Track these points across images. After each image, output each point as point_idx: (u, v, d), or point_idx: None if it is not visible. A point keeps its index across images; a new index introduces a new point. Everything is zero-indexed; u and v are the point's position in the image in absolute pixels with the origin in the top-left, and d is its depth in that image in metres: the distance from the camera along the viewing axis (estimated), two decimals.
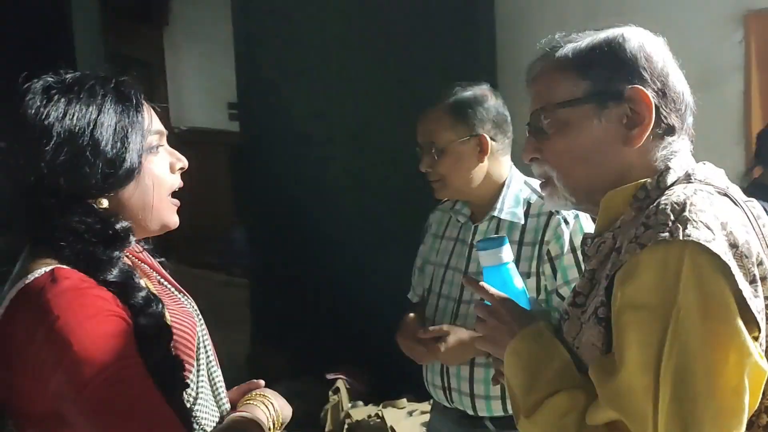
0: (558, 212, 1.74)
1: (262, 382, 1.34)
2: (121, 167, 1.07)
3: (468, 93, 1.83)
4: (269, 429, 1.21)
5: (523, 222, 1.78)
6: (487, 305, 1.16)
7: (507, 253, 1.20)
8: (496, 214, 1.80)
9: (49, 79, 1.10)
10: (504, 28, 3.59)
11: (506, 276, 1.20)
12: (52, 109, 1.04)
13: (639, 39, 1.05)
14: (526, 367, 1.06)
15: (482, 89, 1.86)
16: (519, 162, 2.12)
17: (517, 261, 1.72)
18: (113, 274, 1.04)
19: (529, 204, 1.80)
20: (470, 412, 1.81)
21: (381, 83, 3.85)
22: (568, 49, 1.07)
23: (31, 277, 1.02)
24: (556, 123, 1.07)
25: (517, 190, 1.83)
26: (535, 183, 1.82)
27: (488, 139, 1.79)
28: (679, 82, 1.05)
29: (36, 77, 1.10)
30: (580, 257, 1.71)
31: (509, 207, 1.80)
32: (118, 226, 1.07)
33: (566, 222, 1.73)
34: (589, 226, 1.74)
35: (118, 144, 1.07)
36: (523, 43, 3.56)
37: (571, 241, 1.72)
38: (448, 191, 1.84)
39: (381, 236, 3.95)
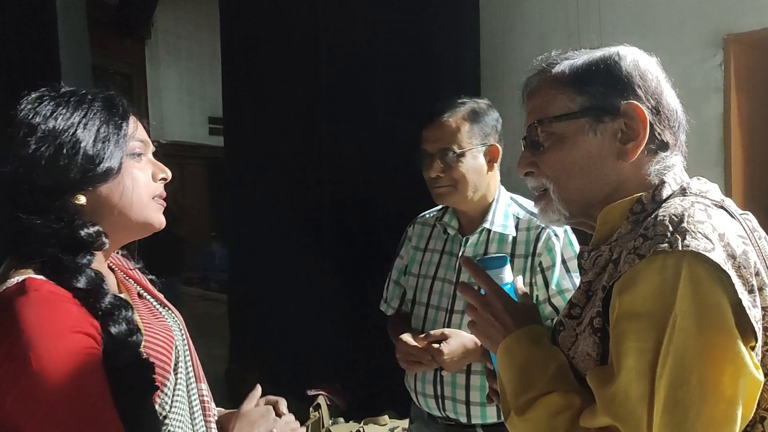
0: (548, 227, 1.78)
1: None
2: (100, 164, 1.09)
3: (482, 104, 1.88)
4: None
5: (514, 235, 1.82)
6: (482, 295, 1.17)
7: (508, 273, 1.21)
8: (487, 226, 1.84)
9: (45, 90, 1.14)
10: (488, 48, 3.63)
11: None
12: (40, 110, 1.09)
13: (633, 57, 1.08)
14: (521, 368, 1.06)
15: (487, 102, 1.91)
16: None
17: None
18: (80, 282, 1.05)
19: (517, 219, 1.85)
20: (463, 420, 1.81)
21: (366, 99, 3.87)
22: (564, 65, 1.09)
23: (4, 287, 1.02)
24: (551, 136, 1.09)
25: (506, 205, 1.88)
26: (521, 199, 1.89)
27: (499, 148, 1.85)
28: (672, 100, 1.08)
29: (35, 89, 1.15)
30: (570, 267, 1.76)
31: (500, 220, 1.85)
32: (83, 232, 1.08)
33: (556, 236, 1.78)
34: (576, 241, 1.80)
35: (99, 144, 1.10)
36: (506, 62, 3.61)
37: (561, 253, 1.77)
38: (454, 198, 1.85)
39: (362, 251, 3.95)
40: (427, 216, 2.06)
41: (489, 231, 1.85)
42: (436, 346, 1.72)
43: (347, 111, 3.99)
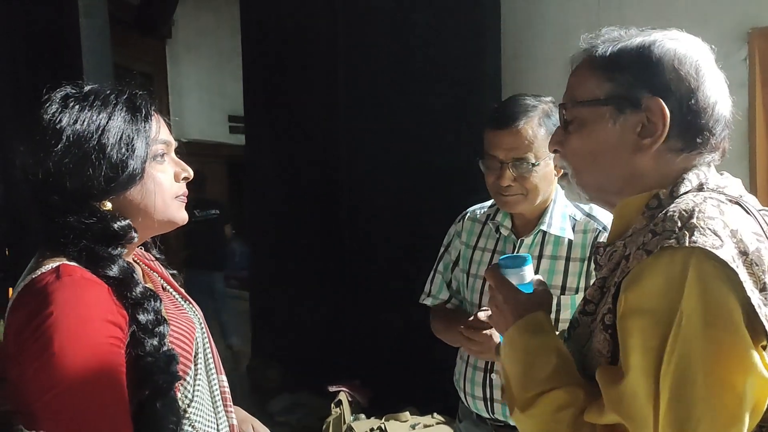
0: (605, 229, 1.74)
1: None
2: (123, 172, 1.12)
3: (549, 104, 1.79)
4: None
5: (571, 238, 1.78)
6: (492, 289, 1.18)
7: (529, 272, 1.19)
8: (544, 228, 1.79)
9: (68, 89, 1.16)
10: (509, 45, 3.62)
11: None
12: (65, 115, 1.11)
13: (673, 45, 1.02)
14: (522, 361, 1.06)
15: (552, 100, 1.82)
16: None
17: (565, 276, 1.76)
18: (113, 270, 1.08)
19: (574, 221, 1.80)
20: (512, 423, 1.79)
21: (385, 97, 3.87)
22: (605, 47, 1.06)
23: (38, 272, 1.06)
24: (575, 120, 1.08)
25: (563, 207, 1.82)
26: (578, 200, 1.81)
27: None
28: (712, 93, 1.02)
29: (58, 87, 1.16)
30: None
31: (558, 222, 1.79)
32: (116, 226, 1.12)
33: None
34: None
35: (123, 150, 1.12)
36: (526, 59, 3.59)
37: None
38: (522, 206, 1.79)
39: (382, 249, 3.95)
40: (478, 212, 1.99)
41: (545, 233, 1.80)
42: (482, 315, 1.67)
43: (367, 109, 3.99)
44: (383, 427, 3.34)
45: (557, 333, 1.14)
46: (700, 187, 1.01)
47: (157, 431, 1.05)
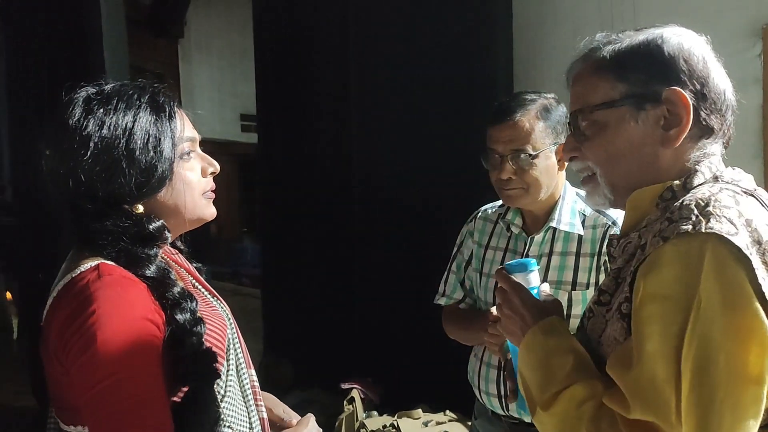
0: (615, 224, 1.74)
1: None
2: (153, 176, 1.13)
3: (550, 99, 1.80)
4: None
5: (581, 233, 1.78)
6: (503, 292, 1.18)
7: (534, 277, 1.20)
8: (554, 224, 1.79)
9: (90, 89, 1.16)
10: (521, 41, 3.61)
11: None
12: (90, 120, 1.10)
13: (678, 39, 1.05)
14: (541, 362, 1.06)
15: (554, 97, 1.82)
16: None
17: (575, 272, 1.76)
18: (151, 270, 1.10)
19: (584, 216, 1.80)
20: (527, 419, 1.80)
21: (397, 95, 3.87)
22: (607, 50, 1.08)
23: (77, 271, 1.07)
24: (594, 125, 1.09)
25: (572, 202, 1.82)
26: None
27: None
28: (720, 82, 1.05)
29: (78, 87, 1.16)
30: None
31: (567, 218, 1.79)
32: (151, 227, 1.13)
33: None
34: None
35: (151, 153, 1.12)
36: (539, 55, 3.58)
37: None
38: (524, 200, 1.79)
39: (394, 246, 3.95)
40: (489, 211, 2.00)
41: (555, 230, 1.80)
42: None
43: (378, 107, 3.99)
44: (396, 425, 3.35)
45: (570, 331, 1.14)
46: (715, 179, 1.03)
47: (197, 428, 1.07)
